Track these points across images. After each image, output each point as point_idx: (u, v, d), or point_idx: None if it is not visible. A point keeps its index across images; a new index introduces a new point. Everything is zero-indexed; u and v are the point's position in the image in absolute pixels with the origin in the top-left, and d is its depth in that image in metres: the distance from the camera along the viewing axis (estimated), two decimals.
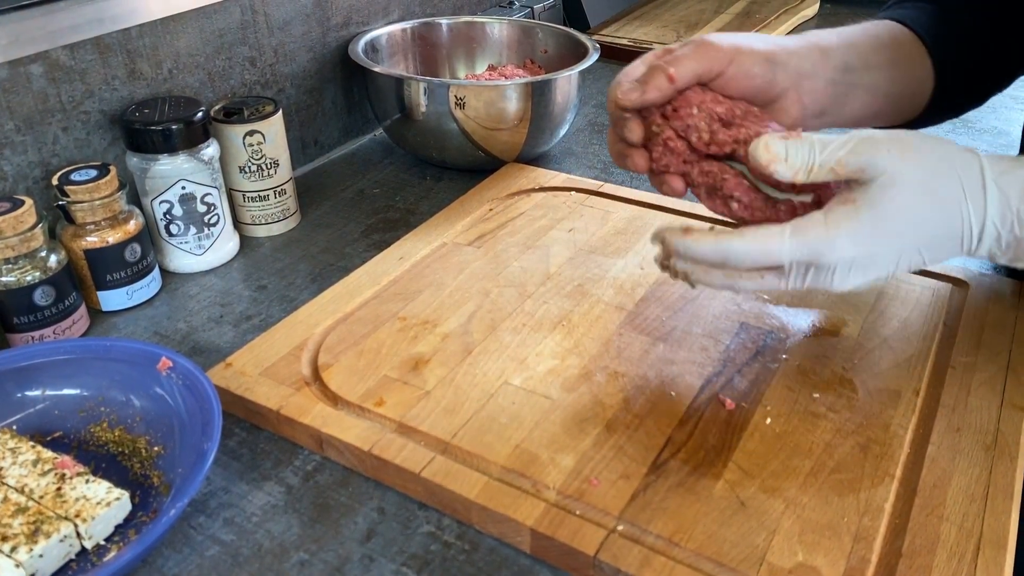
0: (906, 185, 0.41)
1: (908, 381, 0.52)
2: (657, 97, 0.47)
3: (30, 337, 0.57)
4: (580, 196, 0.75)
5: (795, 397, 0.51)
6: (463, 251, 0.67)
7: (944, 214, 0.41)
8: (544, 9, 1.12)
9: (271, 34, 0.79)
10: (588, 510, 0.43)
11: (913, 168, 0.41)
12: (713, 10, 1.33)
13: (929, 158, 0.42)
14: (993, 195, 0.41)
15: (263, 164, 0.70)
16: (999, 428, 0.48)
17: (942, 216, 0.41)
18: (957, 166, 0.42)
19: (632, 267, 0.64)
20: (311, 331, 0.57)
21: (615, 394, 0.51)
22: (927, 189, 0.41)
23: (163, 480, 0.46)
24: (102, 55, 0.64)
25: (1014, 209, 0.41)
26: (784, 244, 0.42)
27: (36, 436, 0.49)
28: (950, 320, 0.58)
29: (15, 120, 0.60)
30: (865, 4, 1.42)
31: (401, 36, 0.92)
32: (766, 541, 0.42)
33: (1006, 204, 0.41)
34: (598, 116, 0.98)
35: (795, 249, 0.42)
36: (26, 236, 0.54)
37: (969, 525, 0.42)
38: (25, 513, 0.42)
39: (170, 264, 0.67)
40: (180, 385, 0.49)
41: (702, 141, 0.46)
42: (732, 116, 0.47)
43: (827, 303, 0.60)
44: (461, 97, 0.76)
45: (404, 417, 0.49)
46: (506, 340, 0.56)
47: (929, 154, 0.42)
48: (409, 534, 0.45)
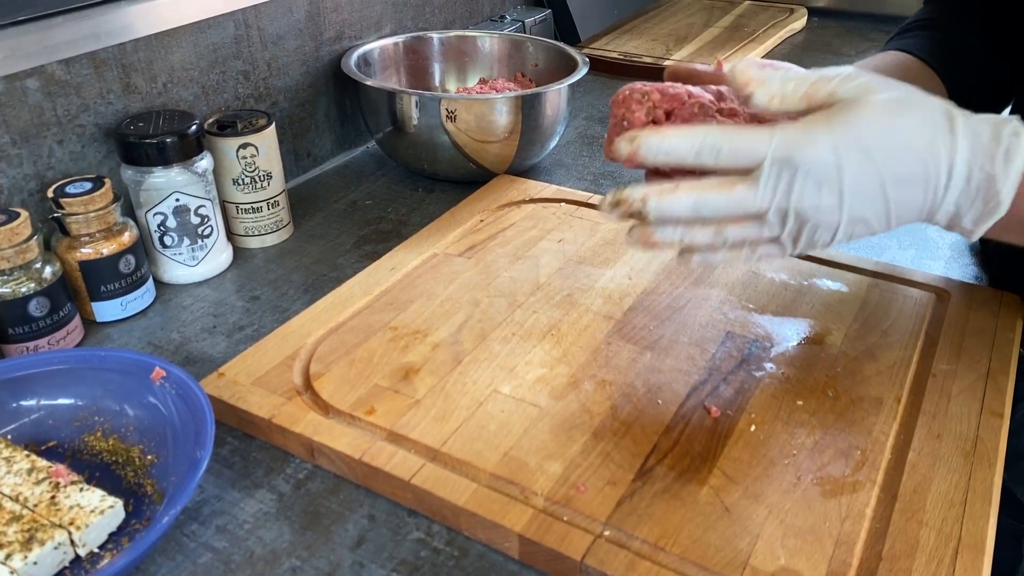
0: (877, 105, 0.40)
1: (890, 389, 0.53)
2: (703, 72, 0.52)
3: (25, 348, 0.57)
4: (570, 207, 0.76)
5: (779, 404, 0.52)
6: (454, 262, 0.67)
7: (914, 138, 0.40)
8: (535, 23, 1.14)
9: (264, 48, 0.80)
10: (575, 516, 0.44)
11: (883, 94, 0.40)
12: (702, 24, 1.35)
13: (900, 90, 0.41)
14: (962, 128, 0.40)
15: (256, 176, 0.71)
16: (978, 434, 0.49)
17: (912, 140, 0.40)
18: (929, 101, 0.41)
19: (620, 277, 0.65)
20: (303, 341, 0.58)
21: (603, 402, 0.52)
22: (898, 113, 0.40)
23: (156, 488, 0.47)
24: (97, 69, 0.65)
25: (985, 143, 0.40)
26: (766, 135, 0.40)
27: (31, 445, 0.50)
28: (931, 329, 0.59)
29: (11, 133, 0.61)
30: (852, 19, 1.44)
31: (393, 50, 0.93)
32: (749, 545, 0.42)
33: (976, 139, 0.40)
34: (588, 128, 1.00)
35: (775, 142, 0.40)
36: (21, 248, 0.55)
37: (948, 529, 0.43)
38: (20, 521, 0.42)
39: (164, 275, 0.68)
40: (173, 394, 0.50)
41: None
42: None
43: (812, 312, 0.61)
44: (452, 110, 0.77)
45: (395, 425, 0.50)
46: (496, 349, 0.57)
47: (900, 87, 0.41)
48: (399, 540, 0.45)
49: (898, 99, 0.41)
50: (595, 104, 1.07)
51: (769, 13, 1.40)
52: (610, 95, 1.17)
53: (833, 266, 0.66)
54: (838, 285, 0.64)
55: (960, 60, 0.62)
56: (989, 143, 0.40)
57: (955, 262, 0.71)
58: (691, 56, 1.19)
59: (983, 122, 0.41)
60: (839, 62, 1.22)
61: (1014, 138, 0.40)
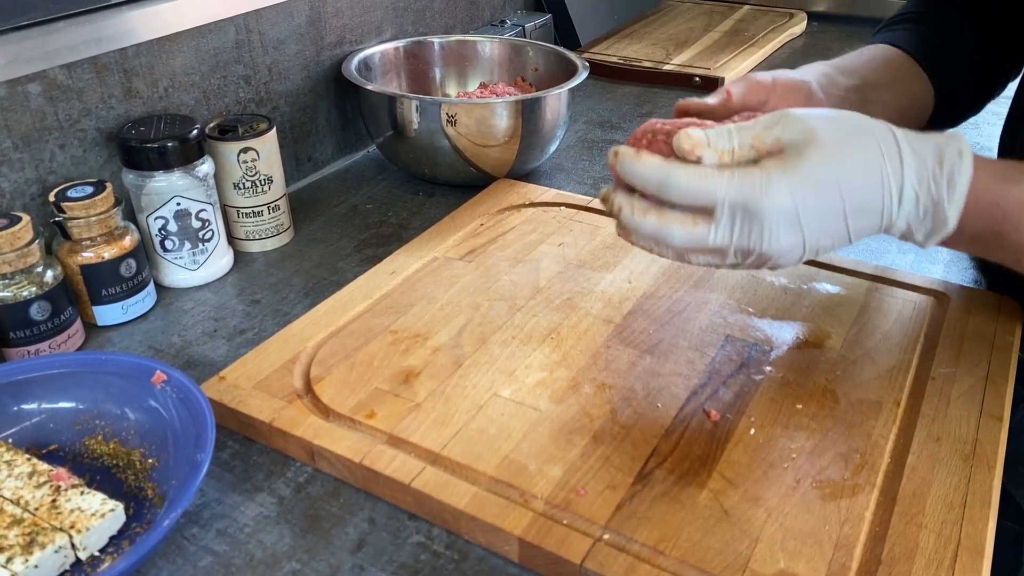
0: (825, 143, 0.42)
1: (889, 392, 0.53)
2: (714, 105, 0.53)
3: (26, 351, 0.57)
4: (570, 211, 0.76)
5: (778, 408, 0.52)
6: (454, 265, 0.68)
7: (864, 171, 0.42)
8: (535, 28, 1.14)
9: (265, 53, 0.80)
10: (575, 519, 0.44)
11: (829, 131, 0.42)
12: (702, 28, 1.35)
13: (843, 124, 0.43)
14: (909, 155, 0.43)
15: (257, 180, 0.71)
16: (978, 438, 0.49)
17: (863, 174, 0.42)
18: (872, 130, 0.43)
19: (620, 281, 0.65)
20: (304, 345, 0.58)
21: (602, 405, 0.52)
22: (845, 149, 0.42)
23: (157, 492, 0.47)
24: (99, 74, 0.66)
25: (930, 169, 0.43)
26: (723, 181, 0.42)
27: (32, 449, 0.50)
28: (931, 332, 0.59)
29: (13, 138, 0.61)
30: (851, 23, 1.44)
31: (394, 54, 0.93)
32: (749, 549, 0.42)
33: (922, 164, 0.43)
34: (588, 133, 1.00)
35: (732, 189, 0.42)
36: (23, 252, 0.55)
37: (947, 533, 0.43)
38: (20, 524, 0.43)
39: (165, 279, 0.68)
40: (174, 398, 0.50)
41: None
42: None
43: (811, 316, 0.61)
44: (453, 114, 0.78)
45: (395, 429, 0.50)
46: (496, 353, 0.57)
47: (842, 121, 0.43)
48: (399, 544, 0.46)
49: (844, 134, 0.43)
50: (595, 108, 1.08)
51: (769, 17, 1.40)
52: (610, 99, 1.18)
53: (832, 270, 0.66)
54: (837, 289, 0.64)
55: (946, 54, 0.63)
56: (934, 168, 0.43)
57: (954, 266, 0.71)
58: (691, 60, 1.19)
59: (928, 145, 0.43)
60: None
61: (957, 160, 0.42)
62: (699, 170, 0.43)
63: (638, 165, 0.45)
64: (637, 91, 1.14)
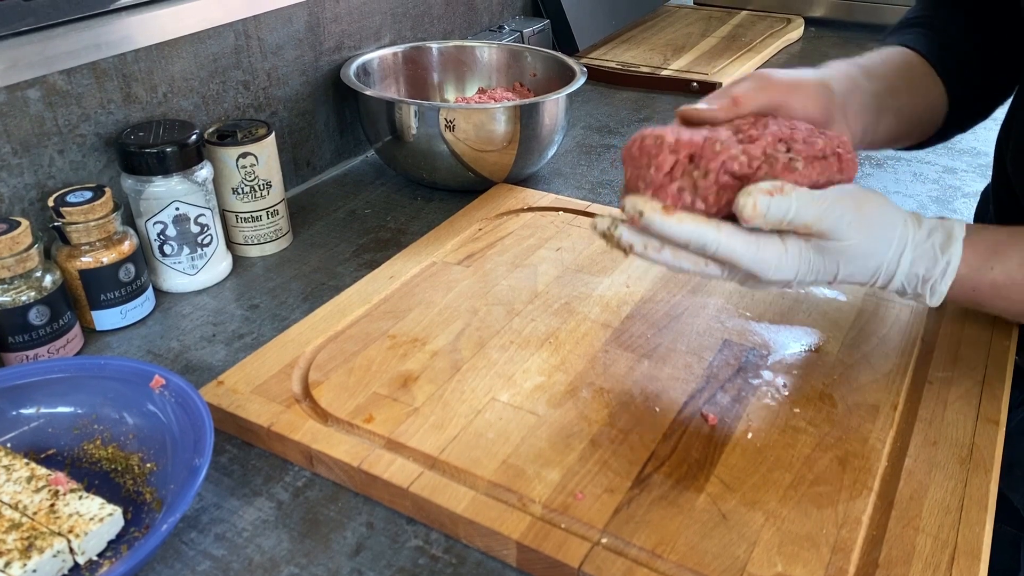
0: (850, 247, 0.46)
1: (886, 396, 0.53)
2: (720, 116, 0.50)
3: (25, 356, 0.57)
4: (568, 216, 0.76)
5: (776, 412, 0.52)
6: (452, 270, 0.68)
7: (868, 267, 0.48)
8: (533, 33, 1.14)
9: (264, 58, 0.80)
10: (573, 523, 0.44)
11: (860, 236, 0.46)
12: (700, 33, 1.35)
13: (876, 230, 0.47)
14: (905, 265, 0.48)
15: (256, 185, 0.71)
16: (974, 441, 0.49)
17: (866, 268, 0.48)
18: (895, 237, 0.48)
19: (618, 285, 0.65)
20: (302, 349, 0.58)
21: (600, 410, 0.52)
22: (865, 252, 0.47)
23: (155, 496, 0.47)
24: (98, 80, 0.66)
25: (919, 276, 0.48)
26: (747, 252, 0.45)
27: (30, 453, 0.50)
28: (928, 337, 0.59)
29: (12, 143, 0.61)
30: (848, 29, 1.45)
31: (392, 60, 0.94)
32: (746, 552, 0.42)
33: (914, 271, 0.48)
34: (586, 138, 1.00)
35: (751, 259, 0.46)
36: (22, 257, 0.55)
37: (944, 536, 0.43)
38: (19, 529, 0.43)
39: (163, 284, 0.68)
40: (173, 403, 0.50)
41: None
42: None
43: (808, 320, 0.61)
44: (451, 120, 0.78)
45: (393, 433, 0.50)
46: (494, 357, 0.57)
47: (878, 227, 0.47)
48: (397, 548, 0.46)
49: (875, 239, 0.47)
50: (593, 113, 1.08)
51: (766, 23, 1.41)
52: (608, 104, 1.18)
53: None
54: (835, 293, 0.64)
55: (958, 58, 0.63)
56: (922, 273, 0.48)
57: None
58: (689, 66, 1.20)
59: (927, 251, 0.48)
60: None
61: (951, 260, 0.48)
62: (732, 237, 0.45)
63: (674, 227, 0.45)
64: (635, 96, 1.14)
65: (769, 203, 0.44)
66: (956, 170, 0.93)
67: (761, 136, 0.47)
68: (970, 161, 0.94)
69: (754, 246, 0.45)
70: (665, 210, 0.45)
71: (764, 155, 0.46)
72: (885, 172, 0.92)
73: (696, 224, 0.45)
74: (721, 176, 0.45)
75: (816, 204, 0.45)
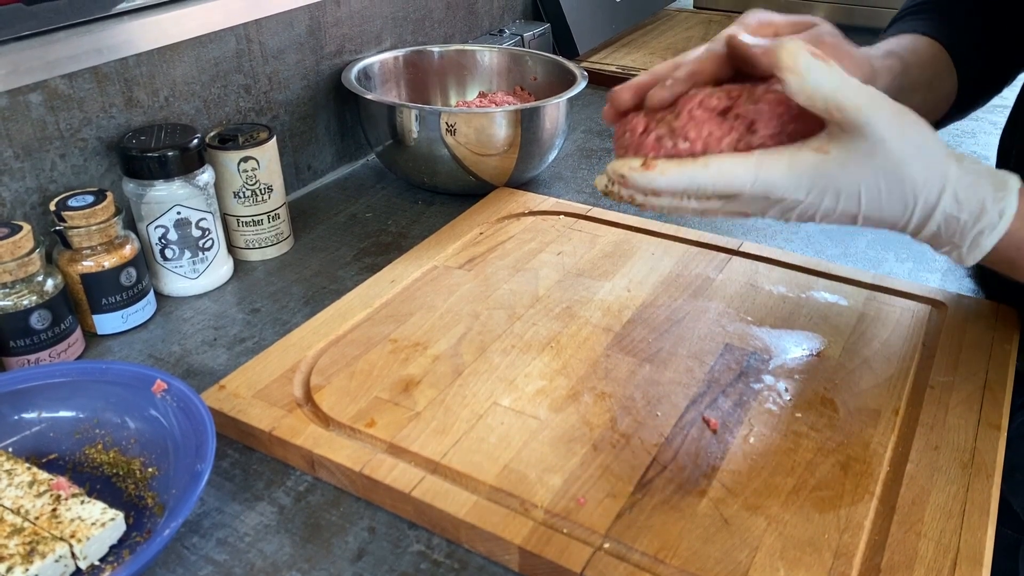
0: (880, 167, 0.41)
1: (888, 400, 0.53)
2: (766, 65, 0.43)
3: (26, 360, 0.57)
4: (569, 220, 0.76)
5: (778, 417, 0.52)
6: (454, 274, 0.68)
7: (901, 193, 0.42)
8: (534, 37, 1.15)
9: (265, 62, 0.80)
10: (575, 528, 0.44)
11: (899, 140, 0.40)
12: (700, 37, 1.36)
13: (916, 141, 0.41)
14: (946, 205, 0.42)
15: (257, 189, 0.71)
16: (976, 446, 0.50)
17: (899, 193, 0.42)
18: (935, 163, 0.42)
19: (619, 289, 0.65)
20: (303, 353, 0.58)
21: (602, 414, 0.52)
22: (899, 163, 0.41)
23: (157, 501, 0.47)
24: (100, 84, 0.66)
25: (961, 221, 0.43)
26: (747, 173, 0.41)
27: (32, 458, 0.50)
28: (929, 341, 0.59)
29: (14, 147, 0.62)
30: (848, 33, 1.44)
31: (393, 64, 0.94)
32: (749, 557, 0.42)
33: (955, 215, 0.42)
34: (587, 142, 1.00)
35: (753, 180, 0.41)
36: (23, 261, 0.55)
37: (946, 541, 0.43)
38: (21, 534, 0.43)
39: (165, 288, 0.68)
40: (174, 407, 0.50)
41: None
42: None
43: (809, 325, 0.61)
44: (452, 124, 0.78)
45: (395, 438, 0.50)
46: (495, 362, 0.57)
47: (918, 141, 0.41)
48: (399, 553, 0.46)
49: (908, 163, 0.41)
50: (593, 117, 1.08)
51: None
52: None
53: (831, 279, 0.67)
54: (836, 297, 0.64)
55: (965, 41, 0.62)
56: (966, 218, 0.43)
57: (951, 275, 0.71)
58: None
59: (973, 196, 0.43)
60: None
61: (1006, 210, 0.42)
62: (722, 170, 0.41)
63: (659, 180, 0.42)
64: None
65: (813, 65, 0.38)
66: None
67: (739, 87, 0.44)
68: None
69: (754, 166, 0.41)
70: (644, 165, 0.42)
71: (744, 88, 0.43)
72: None
73: (681, 169, 0.42)
74: (696, 111, 0.43)
75: (863, 90, 0.39)
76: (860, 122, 0.39)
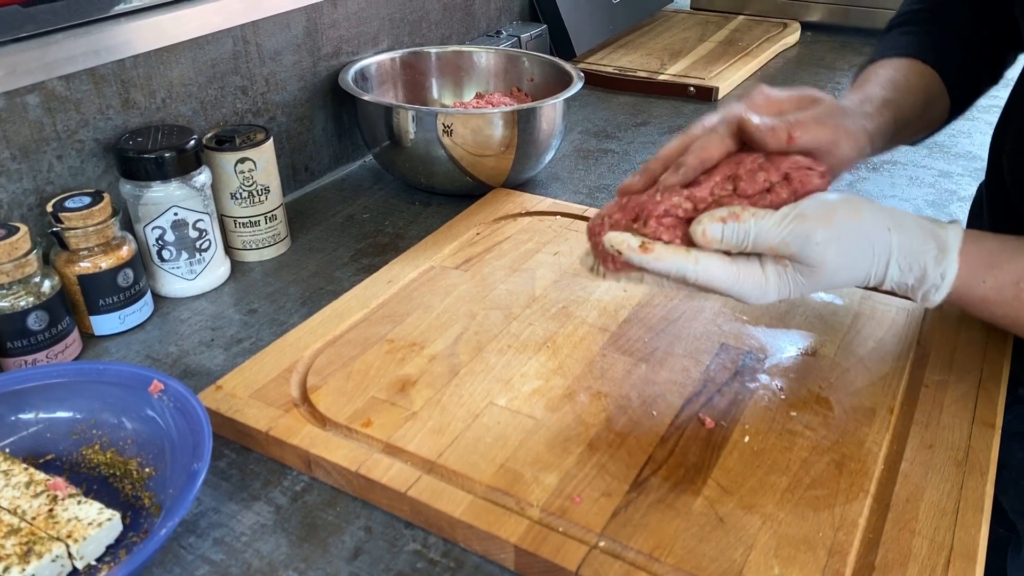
0: (826, 267, 0.46)
1: (883, 399, 0.54)
2: (774, 146, 0.48)
3: (23, 361, 0.58)
4: (565, 220, 0.77)
5: (773, 415, 0.52)
6: (450, 274, 0.68)
7: (853, 278, 0.48)
8: (531, 38, 1.15)
9: (262, 64, 0.80)
10: (571, 527, 0.44)
11: (834, 254, 0.45)
12: (697, 38, 1.36)
13: (852, 245, 0.46)
14: (894, 274, 0.47)
15: (254, 191, 0.71)
16: (970, 444, 0.50)
17: (850, 280, 0.48)
18: (875, 250, 0.47)
19: (615, 289, 0.66)
20: (300, 354, 0.58)
21: (598, 413, 0.52)
22: (843, 267, 0.46)
23: (154, 501, 0.47)
24: (97, 85, 0.66)
25: (909, 284, 0.48)
26: (727, 279, 0.46)
27: (29, 458, 0.50)
28: (924, 340, 0.59)
29: (11, 149, 0.62)
30: (844, 33, 1.45)
31: (390, 65, 0.94)
32: (743, 556, 0.43)
33: (904, 281, 0.48)
34: (583, 142, 1.00)
35: (731, 287, 0.46)
36: (20, 262, 0.55)
37: (940, 538, 0.43)
38: (18, 534, 0.43)
39: (162, 289, 0.69)
40: (171, 407, 0.50)
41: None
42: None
43: (804, 324, 0.61)
44: (449, 125, 0.78)
45: (391, 437, 0.50)
46: (492, 361, 0.57)
47: (854, 241, 0.46)
48: (396, 552, 0.46)
49: (852, 255, 0.46)
50: (590, 118, 1.08)
51: (763, 28, 1.41)
52: (605, 109, 1.19)
53: None
54: (831, 297, 0.64)
55: (957, 60, 0.63)
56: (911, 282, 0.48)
57: None
58: (686, 70, 1.20)
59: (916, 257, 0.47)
60: (832, 76, 1.23)
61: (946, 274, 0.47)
62: (709, 269, 0.46)
63: (654, 263, 0.46)
64: (632, 101, 1.15)
65: (722, 229, 0.45)
66: (952, 174, 0.93)
67: (708, 179, 0.47)
68: (966, 165, 0.95)
69: (734, 274, 0.46)
70: (642, 248, 0.46)
71: (711, 195, 0.47)
72: (881, 176, 0.93)
73: (675, 257, 0.46)
74: (664, 220, 0.47)
75: (778, 228, 0.45)
76: (792, 254, 0.45)
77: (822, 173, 0.48)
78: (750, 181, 0.47)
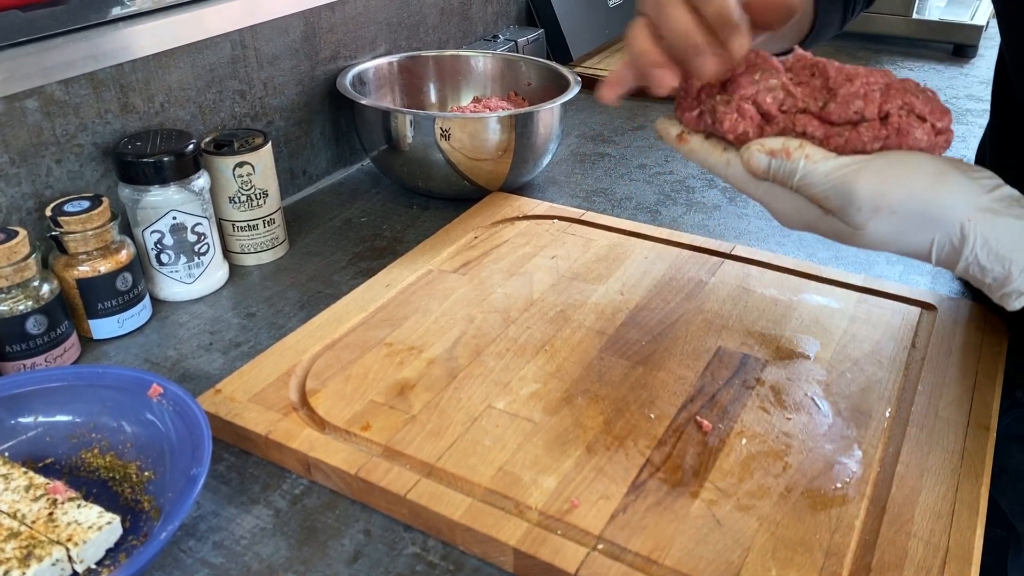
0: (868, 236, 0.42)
1: (878, 402, 0.54)
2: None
3: (22, 365, 0.58)
4: (563, 224, 0.77)
5: (769, 418, 0.53)
6: (448, 278, 0.68)
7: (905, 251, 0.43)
8: (528, 43, 1.15)
9: (261, 68, 0.81)
10: (569, 529, 0.45)
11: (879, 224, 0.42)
12: None
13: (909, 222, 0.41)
14: (967, 265, 0.42)
15: (253, 195, 0.72)
16: (965, 447, 0.50)
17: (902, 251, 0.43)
18: (941, 231, 0.41)
19: (613, 293, 0.66)
20: (299, 357, 0.58)
21: (596, 416, 0.53)
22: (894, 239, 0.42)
23: (153, 504, 0.47)
24: (96, 90, 0.66)
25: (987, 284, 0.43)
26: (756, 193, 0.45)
27: (28, 462, 0.50)
28: (919, 343, 0.60)
29: (10, 153, 0.62)
30: (840, 37, 1.45)
31: (388, 69, 0.94)
32: (741, 558, 0.43)
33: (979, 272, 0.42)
34: (580, 146, 1.01)
35: (760, 200, 0.46)
36: (19, 266, 0.56)
37: (936, 541, 0.44)
38: (17, 538, 0.43)
39: (161, 293, 0.69)
40: (170, 411, 0.50)
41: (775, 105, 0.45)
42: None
43: (801, 327, 0.61)
44: (446, 129, 0.78)
45: (390, 441, 0.51)
46: (490, 365, 0.58)
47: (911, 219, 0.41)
48: (395, 555, 0.46)
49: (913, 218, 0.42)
50: (587, 122, 1.09)
51: None
52: (602, 113, 1.18)
53: (822, 281, 0.67)
54: (827, 300, 0.65)
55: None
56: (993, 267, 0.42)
57: (941, 277, 0.72)
58: None
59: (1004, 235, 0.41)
60: None
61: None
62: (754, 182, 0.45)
63: (688, 154, 0.48)
64: (629, 105, 1.15)
65: (769, 163, 0.44)
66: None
67: (810, 80, 0.45)
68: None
69: (763, 191, 0.45)
70: (679, 138, 0.49)
71: (801, 101, 0.44)
72: None
73: (707, 154, 0.47)
74: (743, 104, 0.45)
75: (825, 178, 0.41)
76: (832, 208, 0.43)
77: (934, 128, 0.42)
78: (843, 105, 0.43)
